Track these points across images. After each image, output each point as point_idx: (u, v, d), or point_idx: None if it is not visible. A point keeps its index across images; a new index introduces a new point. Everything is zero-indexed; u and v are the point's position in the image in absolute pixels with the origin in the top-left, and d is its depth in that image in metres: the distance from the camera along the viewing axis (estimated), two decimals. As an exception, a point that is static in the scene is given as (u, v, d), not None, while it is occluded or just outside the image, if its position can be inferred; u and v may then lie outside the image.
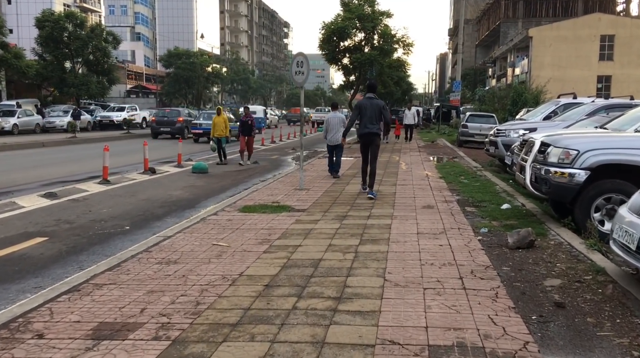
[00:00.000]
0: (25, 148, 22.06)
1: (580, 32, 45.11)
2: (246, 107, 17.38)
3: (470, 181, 11.19)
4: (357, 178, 11.96)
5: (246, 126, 16.20)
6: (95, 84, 42.81)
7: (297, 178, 11.87)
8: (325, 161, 15.71)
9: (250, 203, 8.81)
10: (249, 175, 14.18)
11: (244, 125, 16.29)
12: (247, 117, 16.36)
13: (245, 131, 16.22)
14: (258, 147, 24.00)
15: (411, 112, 25.74)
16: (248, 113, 16.61)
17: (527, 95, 28.05)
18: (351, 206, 8.40)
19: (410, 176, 12.40)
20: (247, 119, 16.31)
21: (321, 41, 25.45)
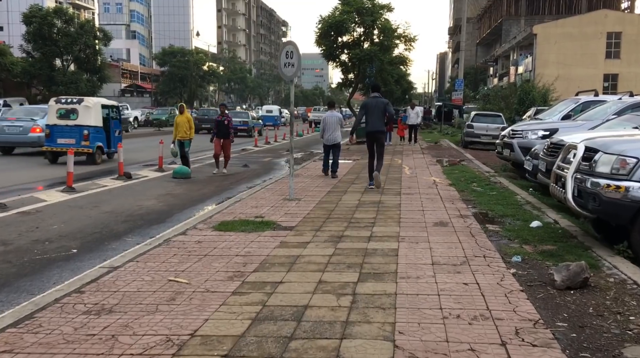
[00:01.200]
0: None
1: (586, 29, 43.75)
2: (222, 105, 14.52)
3: (484, 190, 9.80)
4: (355, 185, 10.58)
5: (222, 126, 13.68)
6: (85, 82, 41.39)
7: (288, 186, 10.50)
8: (319, 164, 14.37)
9: (229, 217, 7.41)
10: (236, 181, 12.79)
11: (219, 126, 13.71)
12: (223, 116, 13.84)
13: (220, 133, 13.66)
14: (251, 148, 22.61)
15: (415, 111, 23.96)
16: (224, 112, 14.00)
17: (535, 93, 26.68)
18: (348, 223, 7.01)
19: (415, 182, 11.00)
20: (222, 119, 13.78)
21: (318, 36, 23.99)
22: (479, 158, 17.11)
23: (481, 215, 7.52)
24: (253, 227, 6.75)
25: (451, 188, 10.09)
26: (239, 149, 21.90)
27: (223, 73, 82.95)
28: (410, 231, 6.48)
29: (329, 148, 12.24)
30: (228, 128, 13.79)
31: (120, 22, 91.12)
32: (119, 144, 13.34)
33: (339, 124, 12.14)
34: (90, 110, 15.22)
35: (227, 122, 13.79)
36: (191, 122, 13.89)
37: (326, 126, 12.10)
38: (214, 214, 7.65)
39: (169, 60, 62.39)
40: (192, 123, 13.94)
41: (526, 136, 11.42)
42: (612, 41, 43.71)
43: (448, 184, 10.66)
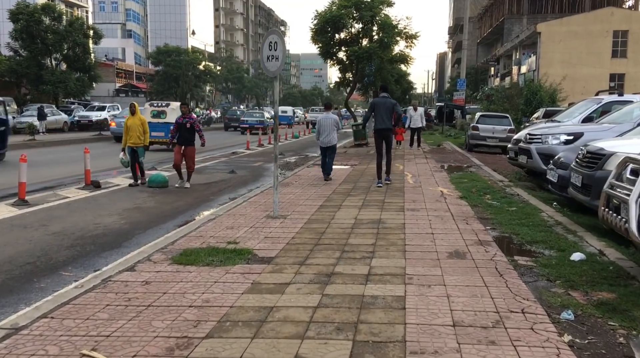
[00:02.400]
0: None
1: (591, 27, 42.43)
2: (183, 104, 11.83)
3: (501, 204, 8.42)
4: (352, 197, 9.21)
5: (183, 130, 11.32)
6: (75, 81, 39.96)
7: (274, 198, 9.14)
8: (318, 169, 13.00)
9: (196, 243, 6.04)
10: (219, 190, 11.41)
11: (180, 129, 11.34)
12: (185, 117, 11.43)
13: (181, 139, 11.36)
14: (243, 151, 21.23)
15: (418, 113, 21.45)
16: (186, 112, 11.53)
17: (543, 93, 25.35)
18: (341, 252, 5.63)
19: (420, 194, 9.62)
20: (184, 121, 11.34)
21: (314, 32, 22.63)
22: (487, 163, 15.73)
23: (504, 241, 6.15)
24: (222, 258, 5.37)
25: (462, 202, 8.71)
26: (228, 152, 20.53)
27: (220, 73, 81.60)
28: (420, 266, 5.10)
29: (324, 150, 11.90)
30: (192, 132, 11.48)
31: (116, 21, 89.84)
32: (85, 149, 11.95)
33: (334, 126, 11.82)
34: (174, 111, 20.16)
35: (189, 126, 11.39)
36: (145, 126, 11.63)
37: (321, 127, 11.83)
38: (178, 239, 6.27)
39: (163, 59, 60.97)
40: (146, 126, 11.64)
41: (546, 141, 10.05)
42: (619, 40, 42.37)
43: (458, 196, 9.29)
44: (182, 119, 11.49)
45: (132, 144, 11.43)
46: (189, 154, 11.45)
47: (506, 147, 21.24)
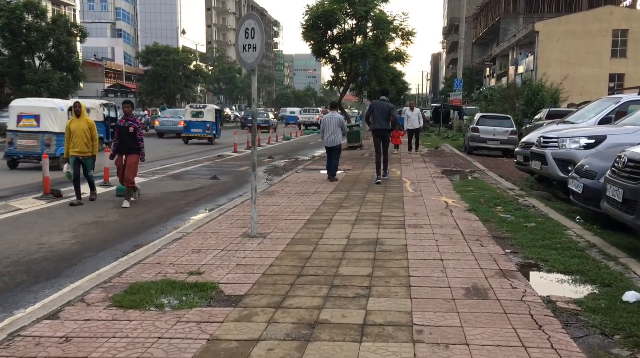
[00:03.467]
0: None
1: (590, 26, 41.53)
2: (126, 103, 9.49)
3: (517, 218, 7.27)
4: (344, 209, 8.03)
5: (125, 135, 9.19)
6: (58, 81, 38.54)
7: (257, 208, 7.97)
8: (307, 175, 11.82)
9: (150, 273, 4.86)
10: (196, 199, 10.21)
11: (120, 134, 9.23)
12: (128, 119, 9.26)
13: (123, 146, 9.25)
14: (230, 154, 20.01)
15: (415, 113, 19.83)
16: (129, 113, 9.27)
17: (544, 93, 24.28)
18: (330, 288, 4.46)
19: (422, 205, 8.46)
20: (127, 124, 9.21)
21: (305, 29, 21.44)
22: (491, 167, 14.60)
23: (532, 270, 4.99)
24: (177, 297, 4.20)
25: (471, 216, 7.55)
26: (213, 155, 19.31)
27: (212, 73, 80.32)
28: (430, 310, 3.93)
29: (329, 150, 11.86)
30: (135, 138, 9.23)
31: (105, 20, 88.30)
32: (44, 154, 10.68)
33: (339, 125, 11.71)
34: (210, 112, 25.43)
35: (133, 130, 9.17)
36: (94, 131, 9.32)
37: (325, 127, 11.76)
38: (130, 267, 5.08)
39: (152, 59, 59.63)
40: (94, 131, 9.34)
41: (563, 144, 8.91)
42: (618, 39, 41.48)
43: (465, 208, 8.13)
44: (124, 122, 9.29)
45: (77, 153, 9.18)
46: (131, 164, 9.20)
47: (507, 149, 20.24)
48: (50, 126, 14.21)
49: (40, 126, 14.17)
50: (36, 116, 14.27)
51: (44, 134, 14.13)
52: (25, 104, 14.96)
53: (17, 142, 14.20)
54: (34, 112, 14.34)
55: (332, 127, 11.62)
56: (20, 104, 15.01)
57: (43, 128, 14.15)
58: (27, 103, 15.07)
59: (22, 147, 14.17)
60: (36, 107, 14.55)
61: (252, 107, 6.43)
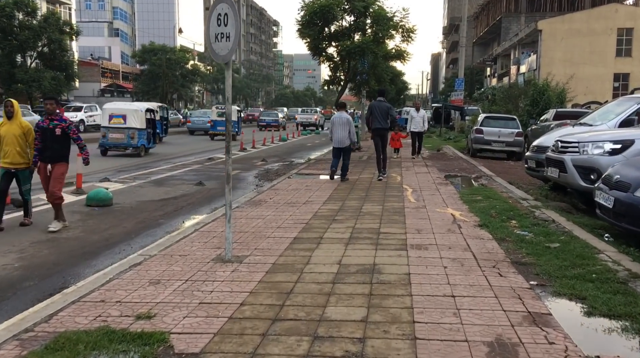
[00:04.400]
0: None
1: (595, 24, 40.55)
2: (49, 100, 7.59)
3: (536, 236, 6.27)
4: (337, 224, 7.01)
5: (50, 139, 7.35)
6: (50, 80, 37.52)
7: (238, 222, 7.00)
8: (301, 181, 10.80)
9: (88, 316, 3.86)
10: (175, 209, 9.21)
11: (43, 137, 7.36)
12: (52, 120, 7.39)
13: (48, 152, 7.41)
14: (221, 156, 19.00)
15: (420, 114, 17.99)
16: (53, 111, 7.41)
17: (551, 93, 23.30)
18: (312, 341, 3.45)
19: (426, 219, 7.45)
20: (52, 125, 7.36)
21: (301, 25, 20.42)
22: (498, 172, 13.60)
23: (569, 314, 3.98)
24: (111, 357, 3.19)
25: (484, 233, 6.54)
26: (204, 158, 18.31)
27: (210, 73, 79.29)
28: (444, 380, 2.93)
29: (338, 151, 11.79)
30: (64, 143, 7.47)
31: (103, 20, 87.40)
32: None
33: (347, 125, 11.61)
34: (233, 112, 25.89)
35: (60, 132, 7.35)
36: (30, 137, 7.42)
37: (334, 127, 11.75)
38: (64, 307, 4.08)
39: (148, 58, 58.63)
40: (30, 138, 7.42)
41: (585, 150, 7.91)
42: (623, 38, 40.52)
43: (475, 223, 7.12)
44: (47, 122, 7.38)
45: (9, 164, 7.31)
46: (58, 175, 7.38)
47: (513, 152, 19.24)
48: (134, 123, 18.44)
49: (127, 124, 18.40)
50: (123, 115, 18.48)
51: (129, 129, 18.41)
52: (114, 106, 19.78)
53: (108, 135, 18.53)
54: (122, 113, 18.64)
55: (341, 127, 11.59)
56: (111, 106, 19.73)
57: (128, 125, 18.41)
58: (116, 106, 20.08)
59: (112, 139, 18.57)
60: (123, 109, 19.10)
61: (226, 107, 5.43)
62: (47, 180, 7.46)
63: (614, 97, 40.36)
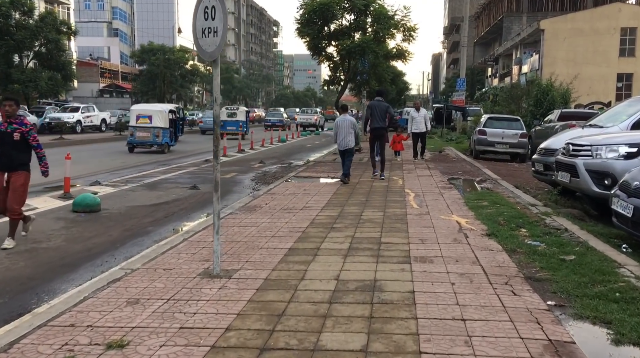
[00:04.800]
0: None
1: (598, 24, 40.10)
2: (7, 101, 6.64)
3: (549, 247, 5.83)
4: (335, 232, 6.58)
5: (8, 144, 6.52)
6: (46, 80, 37.07)
7: (232, 230, 6.59)
8: (298, 184, 10.36)
9: (52, 345, 3.43)
10: (166, 215, 8.77)
11: (2, 142, 6.53)
12: (13, 123, 6.57)
13: (5, 159, 6.55)
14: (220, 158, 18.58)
15: (421, 114, 17.18)
16: (11, 113, 6.57)
17: (555, 93, 22.84)
18: (304, 378, 3.02)
19: (430, 227, 7.01)
20: (9, 129, 6.55)
21: (300, 24, 19.99)
22: (503, 175, 13.16)
23: (593, 341, 3.54)
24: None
25: (492, 243, 6.10)
26: (200, 160, 17.88)
27: (209, 73, 78.81)
28: None
29: (342, 153, 11.73)
30: (24, 148, 6.67)
31: (102, 20, 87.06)
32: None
33: (351, 127, 11.59)
34: (242, 113, 31.36)
35: (19, 137, 6.54)
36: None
37: (338, 129, 11.65)
38: (28, 333, 3.64)
39: (147, 58, 58.20)
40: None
41: (598, 154, 7.47)
42: (627, 37, 40.07)
43: (483, 232, 6.68)
44: (5, 126, 6.55)
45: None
46: (17, 186, 6.53)
47: (517, 154, 18.78)
48: (158, 123, 20.18)
49: (152, 123, 20.12)
50: (149, 116, 20.18)
51: (155, 128, 20.14)
52: (141, 108, 21.77)
53: (136, 134, 20.26)
54: (148, 113, 20.35)
55: (345, 129, 11.52)
56: (138, 108, 21.75)
57: (154, 124, 20.11)
58: (142, 107, 22.28)
59: (139, 137, 20.27)
60: (149, 110, 20.82)
61: (214, 109, 4.99)
62: (4, 192, 6.54)
63: (618, 98, 40.09)
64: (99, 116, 37.64)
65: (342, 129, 11.54)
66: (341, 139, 11.55)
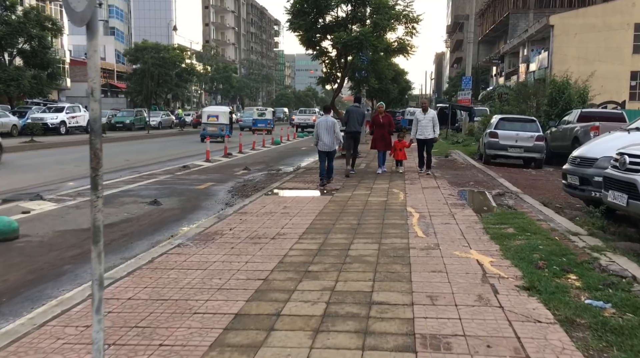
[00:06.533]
0: None
1: (610, 19, 38.09)
2: None
3: (620, 310, 3.90)
4: (309, 281, 4.59)
5: None
6: (29, 79, 35.17)
7: (162, 277, 4.66)
8: (279, 199, 8.39)
9: None
10: (121, 236, 6.80)
11: None
12: None
13: None
14: (200, 164, 16.65)
15: (428, 117, 13.26)
16: None
17: (572, 92, 20.86)
18: None
19: (442, 274, 5.05)
20: None
21: (291, 14, 18.03)
22: (522, 185, 11.19)
23: None
24: None
25: (535, 304, 4.14)
26: (177, 166, 15.95)
27: (209, 72, 76.97)
28: None
29: (323, 155, 11.37)
30: None
31: (98, 18, 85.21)
32: None
33: (332, 129, 11.37)
34: (269, 112, 39.77)
35: None
36: None
37: (320, 131, 11.40)
38: None
39: (141, 56, 56.32)
40: None
41: (669, 168, 5.49)
42: (641, 34, 37.98)
43: (517, 282, 4.71)
44: None
45: None
46: None
47: (532, 158, 16.80)
48: (222, 120, 27.69)
49: (219, 121, 27.63)
50: (216, 115, 27.96)
51: (220, 124, 27.47)
52: (211, 109, 30.17)
53: (207, 129, 27.31)
54: (215, 113, 28.29)
55: (327, 131, 11.33)
56: (208, 109, 30.24)
57: (220, 121, 27.60)
58: (211, 109, 30.46)
59: (210, 131, 26.91)
60: (216, 111, 29.06)
61: (91, 107, 3.05)
62: None
63: (632, 97, 38.04)
64: (85, 117, 35.69)
65: (324, 131, 11.34)
66: (323, 141, 11.33)
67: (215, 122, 27.49)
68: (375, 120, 13.78)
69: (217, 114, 27.94)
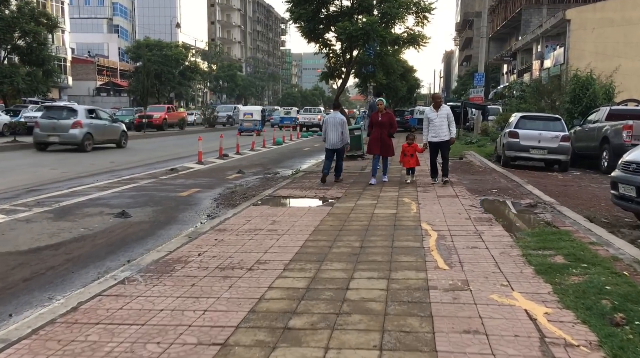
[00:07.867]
0: None
1: (630, 13, 36.36)
2: None
3: None
4: (285, 350, 3.07)
5: None
6: (23, 76, 33.86)
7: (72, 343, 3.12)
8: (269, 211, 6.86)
9: None
10: (30, 275, 5.35)
11: None
12: None
13: None
14: (190, 166, 15.16)
15: (441, 114, 10.67)
16: None
17: (597, 88, 19.20)
18: None
19: (482, 337, 3.52)
20: None
21: (291, 3, 16.49)
22: (554, 193, 9.62)
23: None
24: None
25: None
26: (164, 169, 14.48)
27: (213, 71, 75.67)
28: None
29: (331, 152, 11.15)
30: None
31: (102, 16, 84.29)
32: None
33: (341, 126, 11.06)
34: (294, 111, 47.75)
35: None
36: None
37: (327, 127, 11.18)
38: None
39: (143, 54, 55.00)
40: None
41: None
42: (663, 28, 36.13)
43: (591, 349, 3.18)
44: None
45: None
46: None
47: (558, 161, 15.14)
48: (256, 117, 33.87)
49: (253, 117, 33.78)
50: (251, 113, 34.25)
51: (254, 120, 33.57)
52: (246, 108, 37.26)
53: (243, 124, 33.65)
54: (251, 111, 34.81)
55: (334, 128, 11.06)
56: (244, 108, 37.47)
57: (254, 118, 33.70)
58: (247, 108, 37.74)
59: (246, 126, 33.36)
60: (251, 109, 35.65)
61: None
62: None
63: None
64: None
65: (332, 128, 11.06)
66: (330, 138, 11.09)
67: (251, 119, 33.37)
68: (373, 119, 11.30)
69: (252, 112, 34.18)
